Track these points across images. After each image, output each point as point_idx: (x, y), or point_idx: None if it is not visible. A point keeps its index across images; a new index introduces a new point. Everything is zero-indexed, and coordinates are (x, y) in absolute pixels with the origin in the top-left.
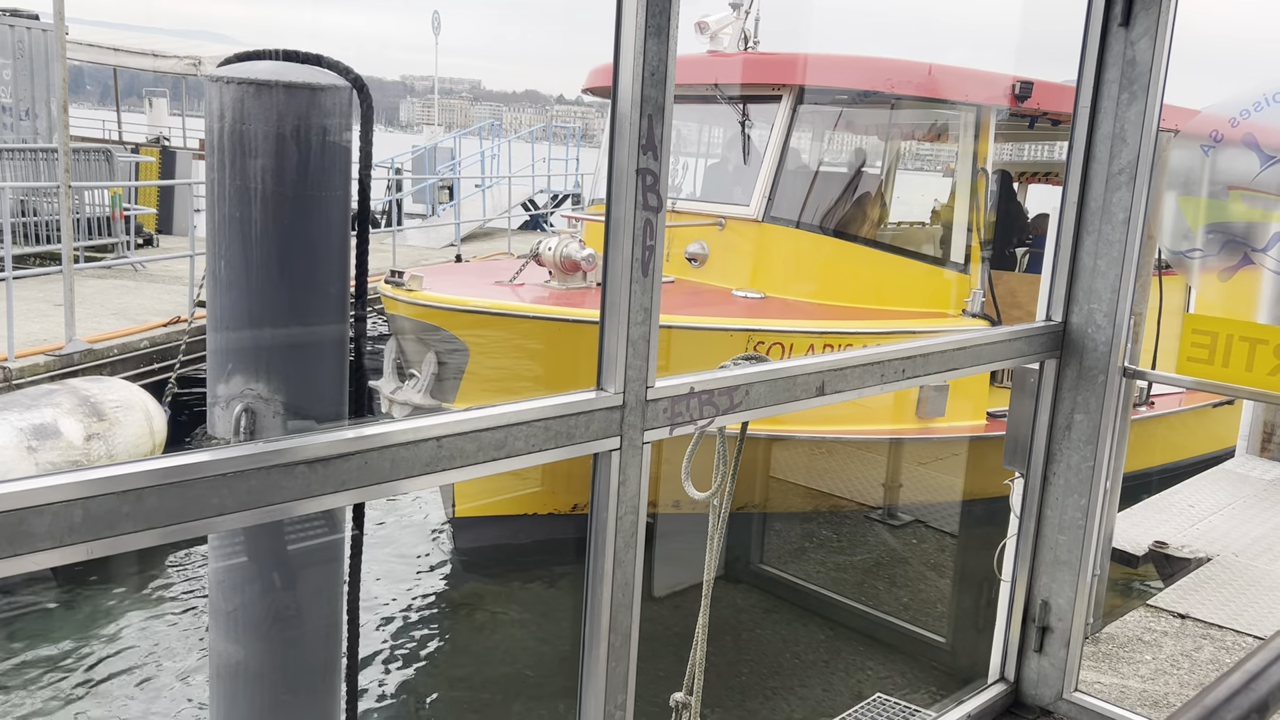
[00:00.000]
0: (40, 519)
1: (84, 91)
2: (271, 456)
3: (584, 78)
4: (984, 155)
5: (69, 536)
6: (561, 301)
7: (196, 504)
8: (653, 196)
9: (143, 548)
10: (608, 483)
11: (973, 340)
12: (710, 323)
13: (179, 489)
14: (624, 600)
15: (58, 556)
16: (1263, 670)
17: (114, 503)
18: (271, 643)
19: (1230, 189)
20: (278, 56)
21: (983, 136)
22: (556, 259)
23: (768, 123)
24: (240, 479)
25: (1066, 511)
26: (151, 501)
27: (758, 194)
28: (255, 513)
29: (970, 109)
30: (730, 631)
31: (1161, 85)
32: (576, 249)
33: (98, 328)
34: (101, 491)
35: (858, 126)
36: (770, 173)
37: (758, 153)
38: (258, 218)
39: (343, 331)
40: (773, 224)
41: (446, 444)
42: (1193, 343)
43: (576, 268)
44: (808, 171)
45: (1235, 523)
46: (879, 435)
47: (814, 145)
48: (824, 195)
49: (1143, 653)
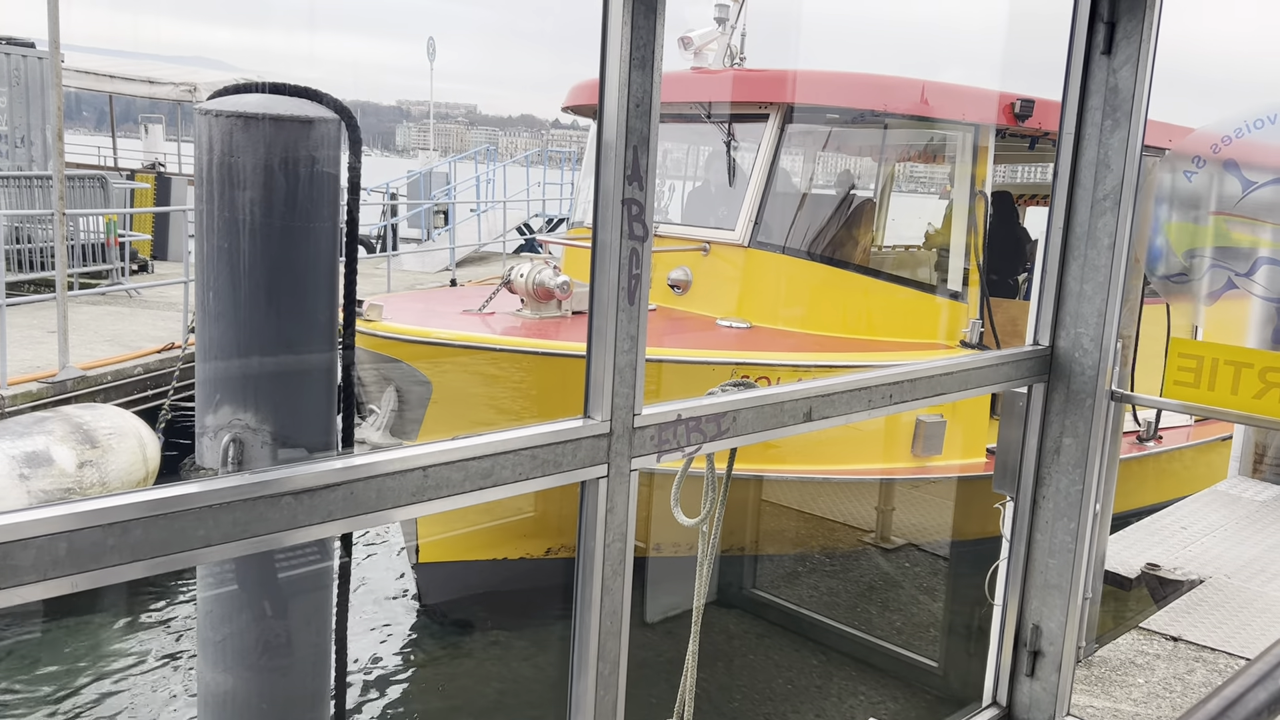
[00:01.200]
0: (25, 553)
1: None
2: (257, 488)
3: (564, 95)
4: (982, 177)
5: (53, 570)
6: (534, 332)
7: (182, 536)
8: (639, 226)
9: (128, 580)
10: (595, 510)
11: (960, 365)
12: (693, 355)
13: (164, 521)
14: (612, 628)
15: (42, 590)
16: (1240, 697)
17: (99, 535)
18: (260, 672)
19: (1214, 214)
20: (265, 89)
21: (981, 158)
22: (529, 286)
23: (754, 143)
24: (226, 510)
25: (1057, 535)
26: (137, 534)
27: (743, 218)
28: (241, 544)
29: (967, 129)
30: (722, 658)
31: (1144, 112)
32: (550, 276)
33: (91, 354)
34: (86, 525)
35: (849, 147)
36: (757, 196)
37: (744, 175)
38: (246, 249)
39: (331, 360)
40: (759, 250)
41: (433, 473)
42: (1179, 366)
43: (550, 296)
44: (797, 194)
45: (1228, 545)
46: (869, 475)
47: (803, 167)
48: (813, 220)
49: (1135, 676)
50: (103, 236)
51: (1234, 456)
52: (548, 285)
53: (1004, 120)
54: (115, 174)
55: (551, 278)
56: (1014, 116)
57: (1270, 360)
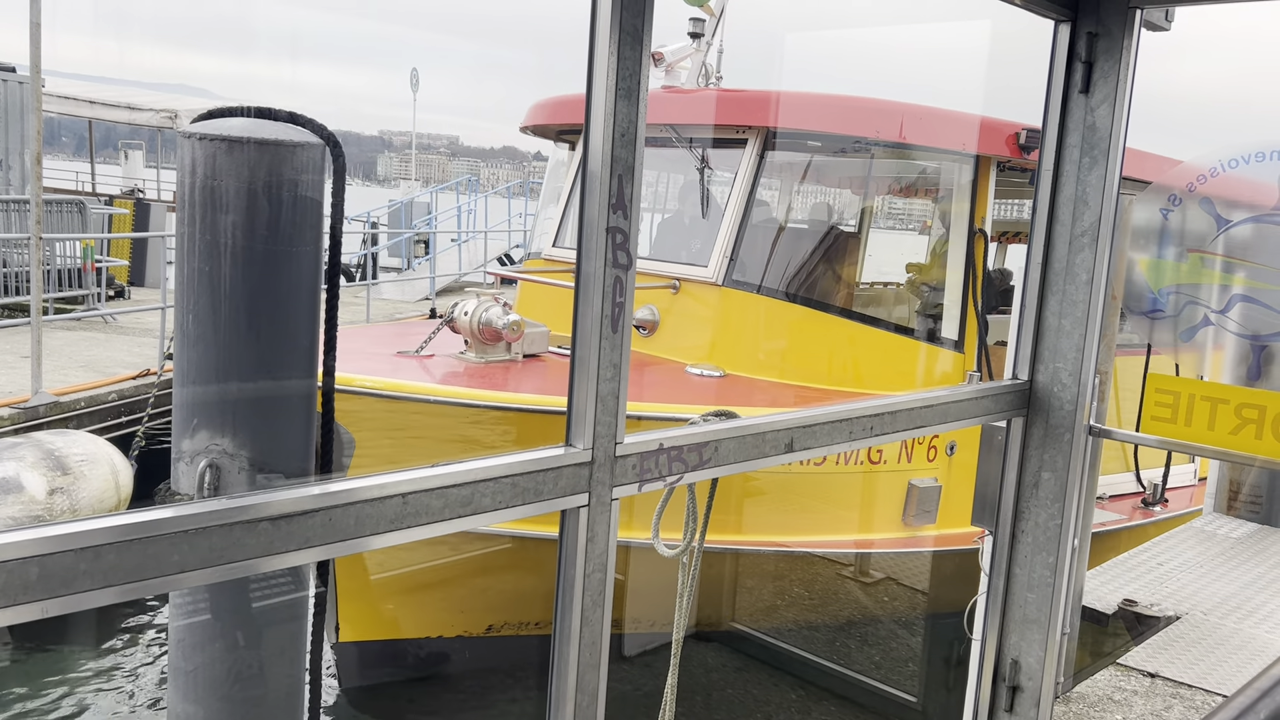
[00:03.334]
0: None
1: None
2: (233, 513)
3: (523, 115)
4: (982, 213)
5: (23, 595)
6: (477, 379)
7: (156, 561)
8: (623, 254)
9: (100, 606)
10: (576, 540)
11: (940, 398)
12: (658, 410)
13: (138, 546)
14: (591, 660)
15: (11, 615)
16: None
17: (71, 560)
18: (232, 703)
19: (1190, 251)
20: (251, 114)
21: (981, 192)
22: (473, 326)
23: (731, 170)
24: (201, 536)
25: (1035, 569)
26: (110, 559)
27: (718, 253)
28: (216, 570)
29: (967, 160)
30: (701, 691)
31: (1121, 149)
32: (498, 314)
33: (65, 380)
34: (58, 549)
35: (835, 177)
36: (733, 229)
37: (718, 205)
38: (227, 272)
39: (311, 387)
40: (735, 289)
41: (413, 500)
42: (1156, 402)
43: (497, 337)
44: (777, 228)
45: (1204, 581)
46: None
47: (784, 198)
48: (795, 257)
49: (1113, 712)
50: (79, 261)
51: (1209, 493)
52: (495, 325)
53: (1006, 151)
54: (94, 199)
55: (499, 316)
56: (1018, 148)
57: (1246, 396)
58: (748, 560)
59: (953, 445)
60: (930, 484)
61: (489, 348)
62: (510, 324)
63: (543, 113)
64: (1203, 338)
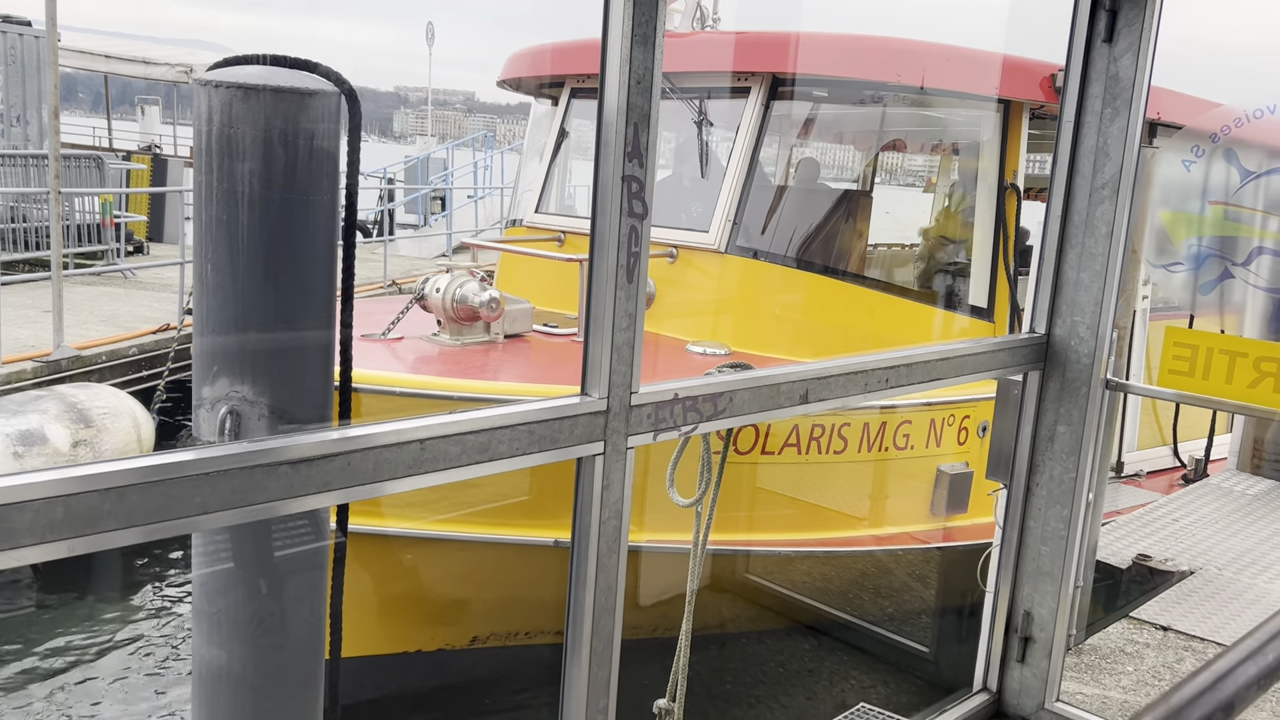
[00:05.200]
0: (21, 516)
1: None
2: (255, 456)
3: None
4: (1013, 166)
5: (50, 534)
6: (450, 365)
7: (179, 503)
8: (638, 203)
9: (124, 545)
10: (591, 488)
11: (956, 351)
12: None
13: (161, 487)
14: (606, 605)
15: (39, 553)
16: (1230, 671)
17: (95, 500)
18: (254, 647)
19: (1212, 203)
20: (267, 61)
21: (1012, 141)
22: (447, 304)
23: (732, 125)
24: (223, 478)
25: (1049, 522)
26: (133, 500)
27: (719, 217)
28: (238, 512)
29: (997, 106)
30: (714, 641)
31: (1144, 100)
32: (474, 290)
33: (86, 334)
34: (83, 489)
35: (850, 129)
36: (735, 189)
37: (719, 163)
38: (245, 221)
39: (329, 337)
40: (739, 256)
41: (430, 446)
42: (1174, 355)
43: (474, 316)
44: (786, 189)
45: (1220, 537)
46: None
47: (794, 154)
48: (807, 220)
49: (1125, 664)
50: (98, 217)
51: (1231, 451)
52: (471, 303)
53: (1041, 96)
54: (111, 155)
55: (476, 293)
56: (1054, 91)
57: (1264, 350)
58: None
59: (985, 426)
60: (961, 469)
61: (465, 328)
62: (488, 301)
63: (521, 64)
64: (1222, 291)
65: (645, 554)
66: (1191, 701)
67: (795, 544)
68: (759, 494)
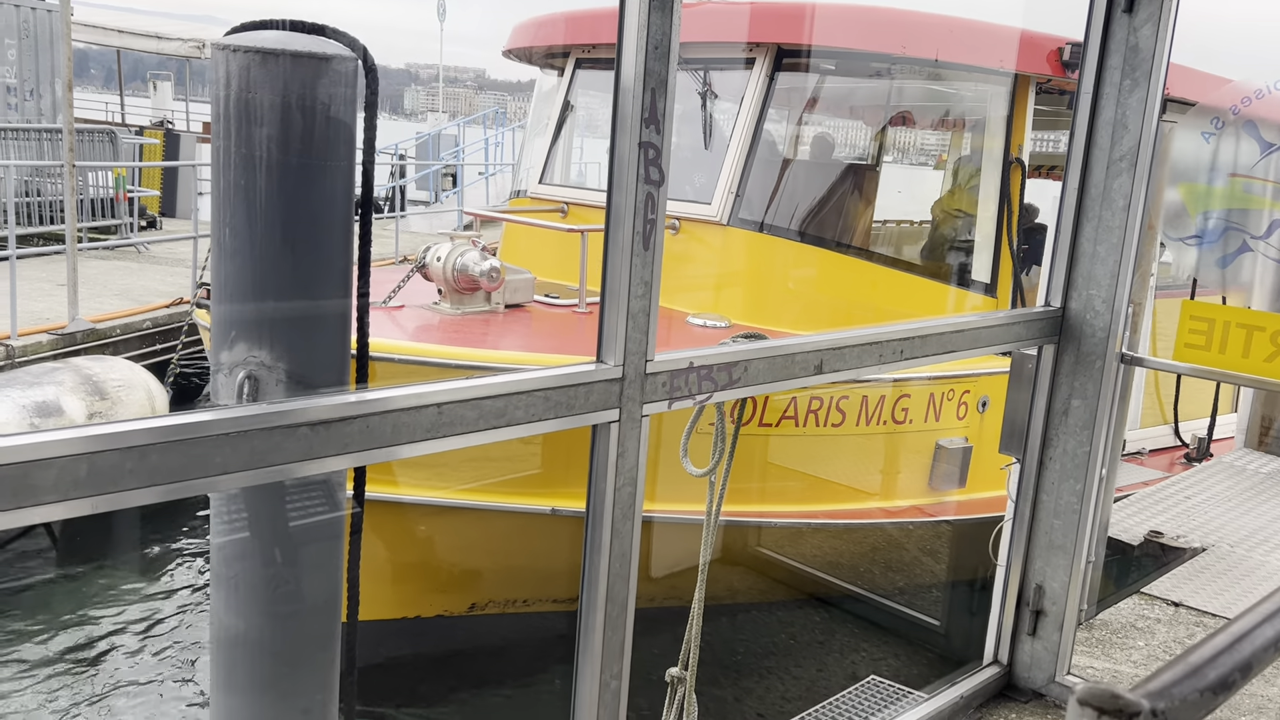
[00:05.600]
0: (45, 473)
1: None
2: (274, 418)
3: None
4: (1019, 141)
5: (73, 491)
6: (451, 334)
7: (199, 462)
8: (655, 170)
9: (145, 504)
10: (606, 455)
11: (971, 323)
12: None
13: (182, 447)
14: (621, 571)
15: (62, 510)
16: (1249, 632)
17: (117, 459)
18: (270, 614)
19: (1231, 176)
20: (285, 26)
21: (1018, 116)
22: (448, 273)
23: (736, 96)
24: (243, 439)
25: (1062, 496)
26: (154, 459)
27: (722, 189)
28: (257, 473)
29: (1003, 79)
30: (726, 612)
31: (1163, 72)
32: (475, 259)
33: (100, 308)
34: (106, 448)
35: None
36: (739, 161)
37: (722, 135)
38: (262, 186)
39: (346, 304)
40: (741, 229)
41: (448, 410)
42: (1190, 329)
43: (474, 286)
44: (789, 161)
45: (1232, 514)
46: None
47: (798, 127)
48: (810, 193)
49: (1136, 639)
50: (111, 191)
51: (1239, 429)
52: (470, 272)
53: (1048, 70)
54: (124, 130)
55: (477, 262)
56: (1061, 65)
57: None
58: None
59: (985, 401)
60: (959, 444)
61: (466, 298)
62: (488, 270)
63: (526, 34)
64: (1241, 264)
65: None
66: (1209, 661)
67: (789, 515)
68: (755, 466)
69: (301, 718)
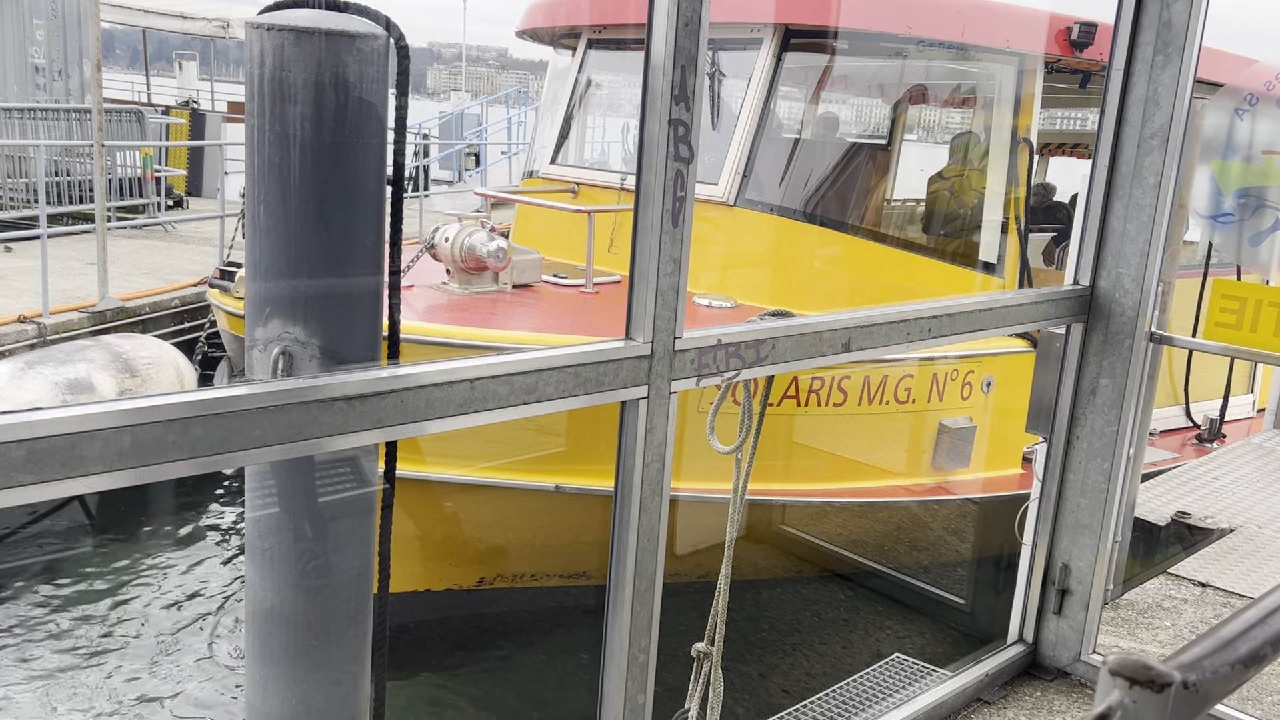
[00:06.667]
0: (91, 444)
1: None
2: (311, 392)
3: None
4: (1027, 122)
5: (118, 462)
6: (458, 313)
7: (238, 435)
8: (684, 148)
9: (186, 475)
10: (635, 431)
11: (999, 301)
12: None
13: (222, 420)
14: (649, 546)
15: (107, 480)
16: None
17: (160, 431)
18: (302, 588)
19: (1265, 153)
20: (317, 4)
21: (1026, 96)
22: (455, 253)
23: (743, 76)
24: (281, 413)
25: (1089, 476)
26: (196, 431)
27: (729, 169)
28: (294, 446)
29: (1010, 59)
30: (751, 589)
31: (1197, 48)
32: (483, 240)
33: (129, 286)
34: (149, 420)
35: (866, 82)
36: (746, 141)
37: (730, 114)
38: (296, 163)
39: (378, 282)
40: (748, 209)
41: (480, 386)
42: (1221, 308)
43: (482, 266)
44: (796, 141)
45: (1260, 496)
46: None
47: (806, 106)
48: (817, 173)
49: (1162, 619)
50: (139, 171)
51: (1270, 409)
52: (478, 252)
53: (1057, 49)
54: (151, 109)
55: (484, 242)
56: (1069, 45)
57: None
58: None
59: (989, 381)
60: (964, 424)
61: (474, 278)
62: (495, 250)
63: (540, 14)
64: (1275, 241)
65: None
66: (1241, 635)
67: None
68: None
69: (333, 689)
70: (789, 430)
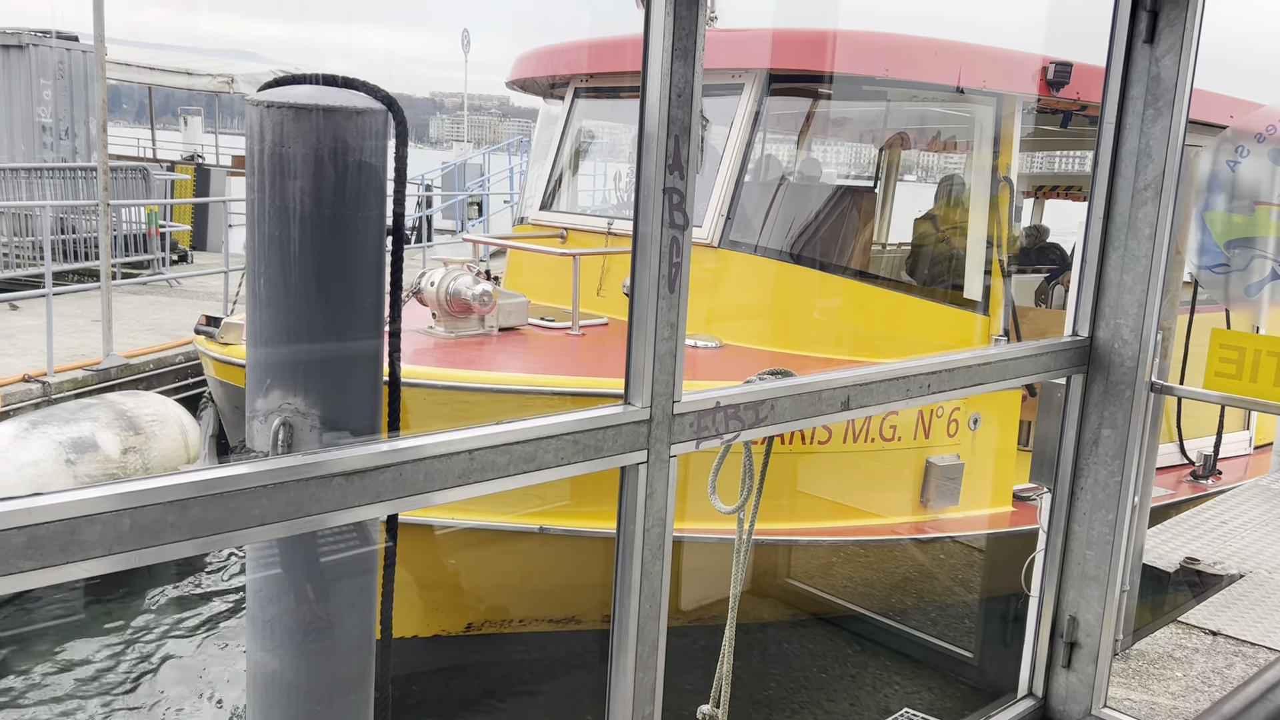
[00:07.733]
0: (91, 528)
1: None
2: (309, 469)
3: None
4: (1007, 161)
5: (117, 545)
6: (445, 357)
7: (238, 514)
8: (679, 215)
9: (186, 556)
10: (635, 496)
11: (999, 355)
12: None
13: (221, 500)
14: (651, 612)
15: (107, 564)
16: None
17: (160, 513)
18: (305, 654)
19: (1257, 204)
20: (317, 81)
21: (1005, 136)
22: (440, 297)
23: (726, 122)
24: (280, 490)
25: (1094, 527)
26: (195, 512)
27: (713, 211)
28: (294, 523)
29: (989, 100)
30: (757, 646)
31: (1186, 101)
32: (467, 283)
33: (134, 343)
34: (148, 502)
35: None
36: (729, 184)
37: (714, 158)
38: (296, 237)
39: (377, 348)
40: (733, 250)
41: (479, 456)
42: (1220, 358)
43: (467, 309)
44: (779, 183)
45: (1269, 539)
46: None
47: (787, 150)
48: (800, 215)
49: (1173, 669)
50: (144, 227)
51: (1276, 451)
52: (464, 296)
53: (1035, 89)
54: (155, 165)
55: (469, 286)
56: (1047, 84)
57: None
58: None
59: (976, 418)
60: (952, 461)
61: (459, 321)
62: (480, 294)
63: (530, 65)
64: (1269, 291)
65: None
66: (1243, 711)
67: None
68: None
69: None
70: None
